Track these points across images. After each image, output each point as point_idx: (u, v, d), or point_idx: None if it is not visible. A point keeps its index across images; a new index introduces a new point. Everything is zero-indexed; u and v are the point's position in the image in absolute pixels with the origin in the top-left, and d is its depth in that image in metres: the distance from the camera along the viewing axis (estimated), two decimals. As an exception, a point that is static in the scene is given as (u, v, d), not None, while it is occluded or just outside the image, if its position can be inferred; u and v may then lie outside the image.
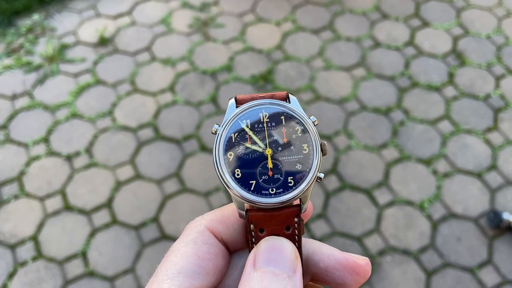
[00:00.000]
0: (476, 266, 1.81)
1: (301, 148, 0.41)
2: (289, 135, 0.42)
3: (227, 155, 0.41)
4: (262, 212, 0.39)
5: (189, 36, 2.46)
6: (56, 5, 2.58)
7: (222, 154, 0.41)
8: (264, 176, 0.40)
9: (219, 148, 0.41)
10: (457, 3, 2.65)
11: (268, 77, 2.28)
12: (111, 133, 2.10)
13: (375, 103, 2.22)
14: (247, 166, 0.41)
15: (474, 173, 2.03)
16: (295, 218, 0.40)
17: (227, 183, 0.40)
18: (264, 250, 0.36)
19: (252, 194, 0.40)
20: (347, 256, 0.38)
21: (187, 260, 0.36)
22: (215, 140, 0.41)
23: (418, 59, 2.40)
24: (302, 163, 0.41)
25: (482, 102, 2.25)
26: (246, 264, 0.36)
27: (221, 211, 0.41)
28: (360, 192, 1.96)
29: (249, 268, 0.35)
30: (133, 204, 1.92)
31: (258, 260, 0.35)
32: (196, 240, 0.37)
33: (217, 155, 0.41)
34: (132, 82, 2.27)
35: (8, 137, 2.08)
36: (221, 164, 0.40)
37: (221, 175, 0.40)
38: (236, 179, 0.40)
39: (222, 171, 0.40)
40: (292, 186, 0.40)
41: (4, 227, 1.86)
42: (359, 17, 2.57)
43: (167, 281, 0.34)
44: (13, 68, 2.32)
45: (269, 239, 0.37)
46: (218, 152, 0.41)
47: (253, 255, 0.36)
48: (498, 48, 2.45)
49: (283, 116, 0.42)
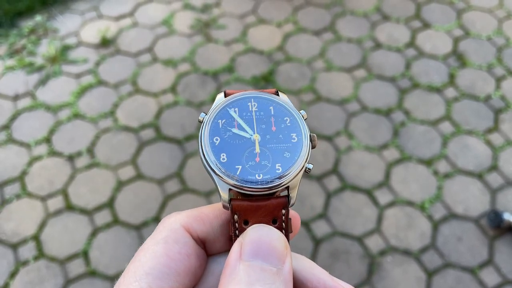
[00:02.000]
0: (477, 266, 1.81)
1: (289, 137, 0.40)
2: (278, 124, 0.40)
3: (213, 139, 0.39)
4: (247, 201, 0.37)
5: (191, 37, 2.47)
6: (59, 6, 2.60)
7: (208, 139, 0.39)
8: (251, 162, 0.38)
9: (205, 132, 0.39)
10: (458, 5, 2.66)
11: (269, 78, 2.29)
12: (112, 133, 2.11)
13: (376, 104, 2.23)
14: (234, 151, 0.39)
15: (475, 174, 2.03)
16: (282, 209, 0.37)
17: (211, 167, 0.38)
18: (251, 240, 0.33)
19: (237, 179, 0.37)
20: (337, 286, 0.35)
21: (156, 260, 0.33)
22: (202, 126, 0.40)
23: (419, 60, 2.40)
24: (290, 152, 0.39)
25: (482, 103, 2.26)
26: (230, 255, 0.33)
27: (199, 208, 0.38)
28: (361, 192, 1.96)
29: (233, 260, 0.32)
30: (134, 204, 1.92)
31: (245, 251, 0.32)
32: (167, 238, 0.35)
33: (202, 139, 0.39)
34: (133, 82, 2.28)
35: (11, 137, 2.09)
36: (206, 148, 0.39)
37: (206, 159, 0.38)
38: (221, 163, 0.38)
39: (207, 154, 0.38)
40: (279, 173, 0.38)
41: (6, 226, 1.86)
42: (360, 18, 2.58)
43: (134, 283, 0.32)
44: (15, 69, 2.33)
45: (257, 227, 0.34)
46: (204, 137, 0.39)
47: (238, 244, 0.33)
48: (499, 50, 2.46)
49: (272, 107, 0.41)
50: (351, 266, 1.80)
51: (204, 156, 0.38)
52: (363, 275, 1.78)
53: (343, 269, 1.79)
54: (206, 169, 0.39)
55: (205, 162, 0.38)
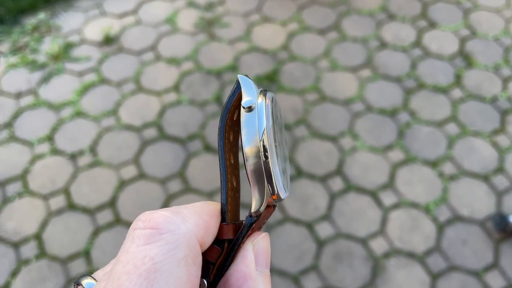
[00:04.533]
0: (482, 270, 1.79)
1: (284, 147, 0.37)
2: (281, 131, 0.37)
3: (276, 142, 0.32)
4: (267, 209, 0.34)
5: (194, 35, 2.45)
6: (62, 4, 2.59)
7: (271, 136, 0.31)
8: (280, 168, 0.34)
9: (269, 127, 0.31)
10: (465, 4, 2.63)
11: (273, 77, 2.27)
12: (115, 132, 2.10)
13: (381, 104, 2.20)
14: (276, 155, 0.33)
15: (481, 176, 2.01)
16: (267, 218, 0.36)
17: (272, 173, 0.31)
18: (264, 250, 0.33)
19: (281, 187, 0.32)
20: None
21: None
22: (257, 115, 0.31)
23: (425, 60, 2.38)
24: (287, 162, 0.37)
25: (489, 104, 2.23)
26: (249, 265, 0.31)
27: (199, 214, 0.31)
28: (365, 194, 1.95)
29: (253, 271, 0.31)
30: (136, 203, 1.91)
31: (261, 262, 0.32)
32: (188, 258, 0.27)
33: (266, 134, 0.31)
34: (136, 81, 2.26)
35: (13, 135, 2.08)
36: (270, 146, 0.31)
37: (267, 160, 0.31)
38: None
39: (270, 155, 0.31)
40: (287, 183, 0.36)
41: (7, 225, 1.86)
42: (365, 17, 2.55)
43: None
44: (18, 67, 2.32)
45: (265, 236, 0.33)
46: (266, 132, 0.31)
47: (251, 252, 0.31)
48: (506, 50, 2.43)
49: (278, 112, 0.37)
50: (355, 268, 1.78)
51: (266, 157, 0.31)
52: (366, 277, 1.76)
53: (347, 271, 1.77)
54: (262, 172, 0.31)
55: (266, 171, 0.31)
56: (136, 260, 0.26)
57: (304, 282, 1.74)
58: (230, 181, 0.34)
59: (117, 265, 0.26)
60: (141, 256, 0.26)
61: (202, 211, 0.32)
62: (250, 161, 0.31)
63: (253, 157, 0.31)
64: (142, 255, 0.26)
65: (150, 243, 0.27)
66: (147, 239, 0.27)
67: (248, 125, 0.31)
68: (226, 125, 0.33)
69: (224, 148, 0.33)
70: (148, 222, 0.28)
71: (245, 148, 0.31)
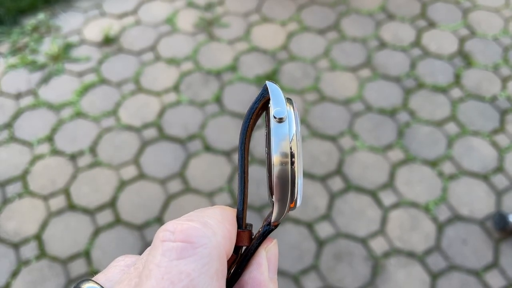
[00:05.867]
0: (482, 269, 1.79)
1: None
2: None
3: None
4: None
5: (194, 35, 2.46)
6: (61, 4, 2.59)
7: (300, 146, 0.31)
8: None
9: (298, 137, 0.31)
10: (464, 4, 2.63)
11: (273, 77, 2.27)
12: (115, 132, 2.10)
13: (380, 104, 2.21)
14: None
15: (480, 175, 2.01)
16: None
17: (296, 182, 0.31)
18: (275, 257, 0.33)
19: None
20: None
21: None
22: (287, 125, 0.31)
23: (424, 60, 2.38)
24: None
25: (488, 103, 2.23)
26: (261, 271, 0.31)
27: (223, 224, 0.30)
28: (365, 194, 1.95)
29: (267, 278, 0.31)
30: (136, 203, 1.91)
31: (272, 268, 0.32)
32: (219, 273, 0.27)
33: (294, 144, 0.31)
34: (136, 81, 2.26)
35: (13, 135, 2.09)
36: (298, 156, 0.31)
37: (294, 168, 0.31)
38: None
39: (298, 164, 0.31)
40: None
41: (8, 225, 1.86)
42: (365, 17, 2.55)
43: None
44: (18, 67, 2.32)
45: (276, 245, 0.33)
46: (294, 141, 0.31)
47: (265, 261, 0.31)
48: (505, 50, 2.43)
49: None
50: (355, 268, 1.78)
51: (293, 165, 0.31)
52: (366, 277, 1.76)
53: (347, 271, 1.77)
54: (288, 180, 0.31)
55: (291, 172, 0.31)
56: (172, 275, 0.25)
57: (304, 282, 1.74)
58: (247, 187, 0.33)
59: (149, 280, 0.25)
60: (177, 272, 0.25)
61: (224, 220, 0.31)
62: (277, 168, 0.30)
63: (280, 164, 0.30)
64: (178, 271, 0.25)
65: (184, 257, 0.25)
66: (180, 253, 0.26)
67: (277, 134, 0.31)
68: (248, 129, 0.33)
69: (244, 154, 0.33)
70: (178, 234, 0.26)
71: (273, 155, 0.30)
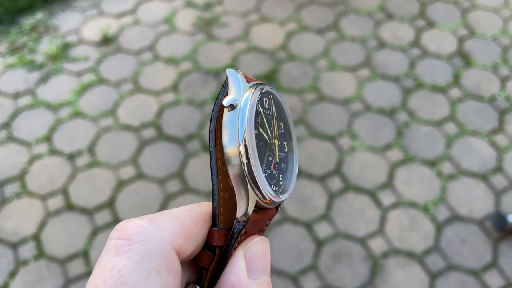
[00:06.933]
0: (481, 269, 1.79)
1: (283, 146, 0.35)
2: (279, 129, 0.35)
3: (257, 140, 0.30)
4: (257, 213, 0.32)
5: (193, 35, 2.45)
6: (60, 4, 2.58)
7: (253, 137, 0.29)
8: (268, 170, 0.33)
9: (250, 127, 0.29)
10: (463, 4, 2.63)
11: (272, 77, 2.27)
12: (113, 132, 2.09)
13: (379, 103, 2.21)
14: (260, 155, 0.31)
15: (479, 175, 2.01)
16: (269, 220, 0.35)
17: (255, 176, 0.29)
18: (258, 255, 0.31)
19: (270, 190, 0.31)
20: None
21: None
22: (238, 114, 0.30)
23: (423, 59, 2.38)
24: (285, 163, 0.35)
25: (487, 103, 2.23)
26: (237, 272, 0.29)
27: (179, 219, 0.29)
28: (364, 194, 1.95)
29: (244, 278, 0.29)
30: (135, 203, 1.91)
31: (253, 268, 0.30)
32: (160, 268, 0.26)
33: (247, 136, 0.29)
34: (135, 81, 2.26)
35: (11, 135, 2.08)
36: (251, 148, 0.29)
37: (250, 163, 0.29)
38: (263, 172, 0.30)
39: (253, 157, 0.29)
40: (283, 186, 0.35)
41: (6, 225, 1.85)
42: (364, 17, 2.55)
43: None
44: (16, 67, 2.31)
45: (260, 241, 0.32)
46: (247, 133, 0.29)
47: (242, 259, 0.30)
48: (504, 49, 2.43)
49: (276, 107, 0.36)
50: (354, 268, 1.78)
51: (247, 158, 0.29)
52: (365, 277, 1.76)
53: (346, 271, 1.77)
54: (244, 175, 0.30)
55: (246, 167, 0.29)
56: (105, 273, 0.25)
57: (303, 282, 1.74)
58: (223, 182, 0.32)
59: (90, 278, 0.26)
60: (110, 269, 0.25)
61: (185, 216, 0.30)
62: (232, 163, 0.30)
63: (235, 160, 0.29)
64: (111, 267, 0.25)
65: (119, 254, 0.26)
66: (117, 250, 0.26)
67: (230, 126, 0.29)
68: (217, 124, 0.31)
69: (216, 148, 0.31)
70: (121, 232, 0.27)
71: (226, 150, 0.30)
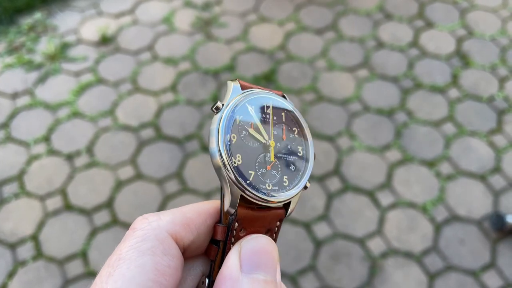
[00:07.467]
0: (479, 269, 1.79)
1: (296, 150, 0.38)
2: (288, 133, 0.38)
3: (230, 137, 0.35)
4: (251, 210, 0.35)
5: (192, 35, 2.45)
6: (58, 3, 2.57)
7: (224, 133, 0.34)
8: (262, 169, 0.36)
9: (223, 126, 0.35)
10: (462, 4, 2.64)
11: (271, 77, 2.27)
12: (112, 132, 2.09)
13: (378, 104, 2.21)
14: (248, 154, 0.35)
15: (478, 176, 2.01)
16: (278, 221, 0.37)
17: (227, 168, 0.34)
18: (252, 251, 0.32)
19: (250, 186, 0.34)
20: None
21: (145, 276, 0.28)
22: (218, 117, 0.35)
23: (422, 60, 2.38)
24: (295, 166, 0.38)
25: (486, 104, 2.23)
26: (229, 266, 0.31)
27: (181, 212, 0.34)
28: (362, 194, 1.95)
29: (235, 272, 0.30)
30: (134, 204, 1.90)
31: (246, 263, 0.31)
32: (155, 249, 0.30)
33: (218, 134, 0.34)
34: (133, 81, 2.26)
35: (9, 135, 2.07)
36: (221, 146, 0.34)
37: (222, 159, 0.34)
38: (236, 166, 0.34)
39: (223, 152, 0.34)
40: (286, 187, 0.37)
41: (4, 226, 1.85)
42: (362, 17, 2.55)
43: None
44: (14, 67, 2.31)
45: (257, 238, 0.33)
46: (220, 132, 0.34)
47: (236, 255, 0.31)
48: (502, 50, 2.44)
49: (283, 113, 0.39)
50: (352, 268, 1.78)
51: (220, 154, 0.34)
52: (364, 277, 1.76)
53: (344, 272, 1.77)
54: (219, 170, 0.34)
55: (220, 162, 0.34)
56: (113, 254, 0.31)
57: (302, 282, 1.74)
58: None
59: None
60: (114, 253, 0.31)
61: (189, 210, 0.35)
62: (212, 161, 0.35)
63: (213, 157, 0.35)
64: (117, 250, 0.31)
65: (125, 240, 0.31)
66: (125, 238, 0.32)
67: (212, 131, 0.35)
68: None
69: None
70: (132, 225, 0.32)
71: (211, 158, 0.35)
